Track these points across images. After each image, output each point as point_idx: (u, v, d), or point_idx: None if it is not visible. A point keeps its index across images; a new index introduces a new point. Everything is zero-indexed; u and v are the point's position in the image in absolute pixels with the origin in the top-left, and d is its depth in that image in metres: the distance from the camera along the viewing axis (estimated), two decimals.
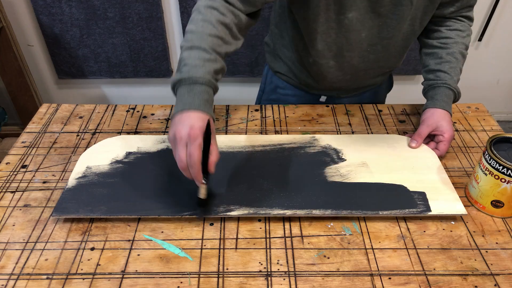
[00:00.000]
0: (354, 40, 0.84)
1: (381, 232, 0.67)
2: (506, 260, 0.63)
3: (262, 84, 1.12)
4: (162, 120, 0.92)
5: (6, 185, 0.76)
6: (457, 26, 0.87)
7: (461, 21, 0.88)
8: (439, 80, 0.84)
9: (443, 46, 0.86)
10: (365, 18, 0.80)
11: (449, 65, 0.84)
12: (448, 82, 0.83)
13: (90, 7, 1.65)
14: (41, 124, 0.92)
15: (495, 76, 2.00)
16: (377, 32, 0.83)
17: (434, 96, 0.83)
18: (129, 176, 0.75)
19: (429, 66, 0.87)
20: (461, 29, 0.87)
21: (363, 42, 0.85)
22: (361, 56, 0.88)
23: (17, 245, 0.65)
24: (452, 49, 0.85)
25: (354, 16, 0.79)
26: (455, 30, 0.86)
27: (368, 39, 0.84)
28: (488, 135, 0.90)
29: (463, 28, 0.87)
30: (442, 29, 0.87)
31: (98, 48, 1.77)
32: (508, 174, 0.65)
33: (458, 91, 0.84)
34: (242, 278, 0.60)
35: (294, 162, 0.78)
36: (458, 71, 0.85)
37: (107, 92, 1.97)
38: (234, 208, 0.69)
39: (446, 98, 0.82)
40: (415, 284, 0.60)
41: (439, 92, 0.83)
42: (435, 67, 0.85)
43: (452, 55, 0.85)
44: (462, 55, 0.86)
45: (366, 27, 0.82)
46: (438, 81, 0.84)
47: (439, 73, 0.84)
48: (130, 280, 0.60)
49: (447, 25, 0.87)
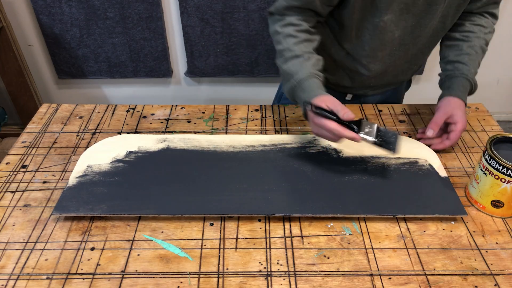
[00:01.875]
0: (387, 40, 0.85)
1: (381, 232, 0.67)
2: (506, 260, 0.63)
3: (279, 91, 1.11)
4: (162, 120, 0.92)
5: (6, 185, 0.76)
6: (481, 22, 0.87)
7: (485, 17, 0.88)
8: (457, 71, 0.84)
9: (464, 39, 0.86)
10: (400, 19, 0.81)
11: (468, 57, 0.84)
12: (465, 73, 0.83)
13: (90, 7, 1.65)
14: (41, 124, 0.92)
15: (495, 76, 2.00)
16: (410, 31, 0.84)
17: (451, 86, 0.83)
18: (129, 175, 0.75)
19: (448, 57, 0.87)
20: (484, 25, 0.87)
21: (395, 42, 0.85)
22: (392, 54, 0.88)
23: (17, 245, 0.65)
24: (473, 42, 0.85)
25: (389, 18, 0.80)
26: (478, 25, 0.87)
27: (401, 38, 0.85)
28: (488, 135, 0.90)
29: (486, 25, 0.87)
30: (466, 23, 0.87)
31: (98, 48, 1.77)
32: (508, 174, 0.65)
33: (475, 83, 0.84)
34: (242, 278, 0.60)
35: (295, 162, 0.78)
36: (477, 64, 0.85)
37: (107, 92, 1.97)
38: (234, 208, 0.69)
39: (462, 89, 0.82)
40: (415, 284, 0.60)
41: (456, 82, 0.83)
42: (454, 58, 0.85)
43: (472, 48, 0.84)
44: (482, 50, 0.86)
45: (400, 28, 0.83)
46: (456, 71, 0.84)
47: (458, 64, 0.84)
48: (130, 280, 0.60)
49: (471, 20, 0.87)
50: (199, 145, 0.82)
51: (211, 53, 1.78)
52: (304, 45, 0.79)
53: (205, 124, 0.91)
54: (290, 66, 0.78)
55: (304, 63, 0.77)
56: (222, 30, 1.70)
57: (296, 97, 0.78)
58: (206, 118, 0.93)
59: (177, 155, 0.80)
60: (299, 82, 0.76)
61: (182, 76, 1.90)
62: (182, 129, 0.90)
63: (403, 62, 0.93)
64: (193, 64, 1.82)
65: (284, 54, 0.79)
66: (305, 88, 0.75)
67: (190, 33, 1.72)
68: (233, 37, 1.73)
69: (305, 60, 0.78)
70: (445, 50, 0.89)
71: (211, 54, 1.78)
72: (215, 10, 1.65)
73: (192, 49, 1.77)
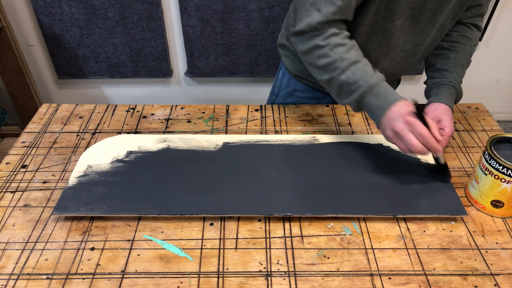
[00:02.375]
0: (393, 46, 0.85)
1: (381, 232, 0.67)
2: (506, 260, 0.63)
3: (275, 88, 1.09)
4: (162, 120, 0.92)
5: (6, 185, 0.76)
6: (467, 34, 0.88)
7: (471, 29, 0.89)
8: (444, 78, 0.84)
9: (452, 49, 0.87)
10: (405, 24, 0.81)
11: (455, 67, 0.85)
12: (452, 81, 0.84)
13: (90, 7, 1.65)
14: (41, 124, 0.92)
15: (495, 76, 2.00)
16: (412, 38, 0.84)
17: (439, 93, 0.83)
18: (129, 175, 0.75)
19: (436, 65, 0.88)
20: (470, 37, 0.88)
21: (398, 48, 0.86)
22: (393, 60, 0.89)
23: (17, 245, 0.65)
24: (460, 53, 0.87)
25: (399, 24, 0.80)
26: (464, 36, 0.88)
27: (403, 44, 0.86)
28: (488, 135, 0.90)
29: (471, 37, 0.89)
30: (454, 34, 0.89)
31: (98, 48, 1.77)
32: (508, 174, 0.65)
33: (460, 92, 0.85)
34: (242, 278, 0.60)
35: (294, 162, 0.78)
36: (462, 74, 0.86)
37: (107, 92, 1.97)
38: (234, 208, 0.69)
39: (450, 96, 0.83)
40: (415, 284, 0.60)
41: (443, 89, 0.83)
42: (442, 67, 0.86)
43: (458, 59, 0.86)
44: (467, 62, 0.88)
45: (404, 33, 0.83)
46: (443, 79, 0.85)
47: (445, 72, 0.85)
48: (130, 280, 0.60)
49: (458, 31, 0.89)
50: (199, 145, 0.82)
51: (211, 53, 1.78)
52: (355, 49, 0.76)
53: (205, 124, 0.91)
54: (350, 75, 0.72)
55: (365, 67, 0.73)
56: (222, 30, 1.70)
57: (367, 104, 0.73)
58: (206, 118, 0.93)
59: (177, 155, 0.80)
60: (369, 87, 0.71)
61: (182, 76, 1.90)
62: (182, 129, 0.90)
63: (401, 70, 0.93)
64: (193, 64, 1.82)
65: (337, 64, 0.73)
66: (379, 92, 0.71)
67: (190, 33, 1.72)
68: (233, 37, 1.73)
69: (364, 65, 0.73)
70: (432, 59, 0.90)
71: (211, 54, 1.78)
72: (215, 10, 1.65)
73: (192, 49, 1.77)
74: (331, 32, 0.74)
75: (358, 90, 0.72)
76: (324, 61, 0.74)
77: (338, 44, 0.73)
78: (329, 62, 0.74)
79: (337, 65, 0.73)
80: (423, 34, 0.84)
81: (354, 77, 0.72)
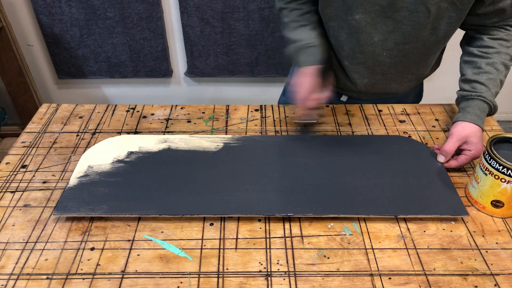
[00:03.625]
0: (365, 42, 0.85)
1: (381, 232, 0.67)
2: (506, 260, 0.63)
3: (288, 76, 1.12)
4: (162, 120, 0.92)
5: (6, 185, 0.76)
6: (502, 35, 0.82)
7: (507, 30, 0.82)
8: (474, 92, 0.79)
9: (483, 55, 0.81)
10: (378, 22, 0.81)
11: (487, 76, 0.79)
12: (483, 95, 0.78)
13: (90, 7, 1.65)
14: (41, 124, 0.92)
15: None
16: (393, 37, 0.83)
17: (466, 109, 0.79)
18: (130, 175, 0.75)
19: (466, 75, 0.82)
20: (506, 38, 0.82)
21: (376, 46, 0.85)
22: (376, 59, 0.88)
23: (17, 245, 0.65)
24: (493, 59, 0.80)
25: (362, 18, 0.80)
26: (498, 39, 0.82)
27: (382, 43, 0.84)
28: (488, 135, 0.90)
29: (508, 38, 0.82)
30: (484, 37, 0.82)
31: (98, 48, 1.77)
32: (508, 174, 0.65)
33: (494, 105, 0.80)
34: (242, 278, 0.60)
35: (295, 162, 0.78)
36: (498, 82, 0.80)
37: (107, 92, 1.97)
38: (234, 208, 0.69)
39: (479, 112, 0.78)
40: (415, 284, 0.60)
41: (473, 104, 0.78)
42: (472, 77, 0.80)
43: (492, 66, 0.80)
44: (505, 66, 0.81)
45: (379, 31, 0.82)
46: (472, 92, 0.79)
47: (475, 84, 0.80)
48: (130, 280, 0.60)
49: (491, 34, 0.82)
50: (199, 145, 0.82)
51: (211, 53, 1.78)
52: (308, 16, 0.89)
53: (205, 124, 0.91)
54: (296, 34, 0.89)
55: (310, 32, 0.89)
56: (222, 30, 1.70)
57: (298, 57, 0.88)
58: (206, 118, 0.93)
59: (178, 155, 0.80)
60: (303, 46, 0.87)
61: (182, 76, 1.90)
62: (182, 129, 0.90)
63: (394, 71, 0.90)
64: (193, 64, 1.82)
65: (291, 25, 0.90)
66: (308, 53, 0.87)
67: (190, 33, 1.72)
68: (233, 37, 1.73)
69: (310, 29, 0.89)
70: (464, 67, 0.84)
71: (211, 54, 1.78)
72: (215, 10, 1.65)
73: (192, 49, 1.77)
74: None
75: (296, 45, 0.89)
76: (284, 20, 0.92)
77: (294, 8, 0.90)
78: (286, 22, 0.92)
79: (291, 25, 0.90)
80: (404, 33, 0.81)
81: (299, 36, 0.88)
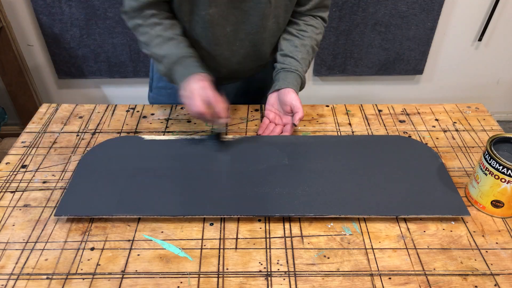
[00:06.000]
0: (219, 34, 0.87)
1: (381, 232, 0.67)
2: (506, 260, 0.63)
3: (150, 72, 1.11)
4: (162, 120, 0.92)
5: (6, 185, 0.76)
6: (313, 23, 0.94)
7: (316, 19, 0.95)
8: (293, 67, 0.90)
9: (299, 36, 0.93)
10: (228, 13, 0.84)
11: (301, 55, 0.91)
12: (299, 70, 0.90)
13: (90, 7, 1.65)
14: (41, 124, 0.92)
15: (495, 76, 1.99)
16: (244, 28, 0.87)
17: (287, 79, 0.89)
18: (130, 176, 0.75)
19: (284, 50, 0.93)
20: (316, 26, 0.94)
21: (229, 37, 0.88)
22: (231, 50, 0.91)
23: (17, 245, 0.65)
24: (306, 41, 0.92)
25: (215, 12, 0.83)
26: (310, 25, 0.94)
27: (234, 34, 0.88)
28: (488, 135, 0.90)
29: (317, 26, 0.95)
30: (300, 23, 0.94)
31: (98, 48, 1.77)
32: (508, 174, 0.65)
33: (304, 82, 0.92)
34: (242, 278, 0.60)
35: (295, 162, 0.78)
36: (307, 63, 0.93)
37: (107, 92, 1.97)
38: (234, 208, 0.69)
39: (296, 83, 0.90)
40: (415, 284, 0.60)
41: (292, 76, 0.90)
42: (289, 54, 0.92)
43: (304, 47, 0.92)
44: (313, 50, 0.94)
45: (230, 22, 0.86)
46: (292, 66, 0.91)
47: (292, 59, 0.91)
48: (130, 280, 0.60)
49: (304, 20, 0.94)
50: (200, 145, 0.82)
51: None
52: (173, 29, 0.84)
53: (205, 124, 0.91)
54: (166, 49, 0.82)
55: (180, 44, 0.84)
56: None
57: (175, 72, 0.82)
58: None
59: (178, 155, 0.80)
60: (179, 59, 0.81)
61: None
62: (182, 129, 0.90)
63: (248, 60, 0.95)
64: None
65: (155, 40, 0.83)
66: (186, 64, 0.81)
67: None
68: None
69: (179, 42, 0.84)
70: (283, 43, 0.94)
71: None
72: None
73: None
74: (150, 13, 0.83)
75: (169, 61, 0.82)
76: (144, 38, 0.85)
77: (156, 23, 0.83)
78: (149, 38, 0.84)
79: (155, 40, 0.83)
80: (252, 24, 0.86)
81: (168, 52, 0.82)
